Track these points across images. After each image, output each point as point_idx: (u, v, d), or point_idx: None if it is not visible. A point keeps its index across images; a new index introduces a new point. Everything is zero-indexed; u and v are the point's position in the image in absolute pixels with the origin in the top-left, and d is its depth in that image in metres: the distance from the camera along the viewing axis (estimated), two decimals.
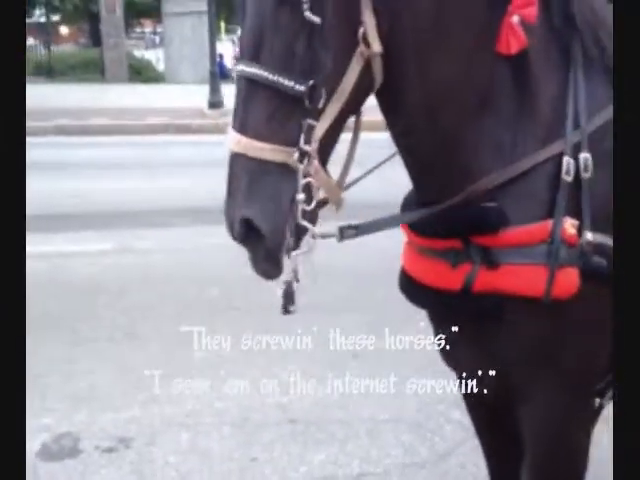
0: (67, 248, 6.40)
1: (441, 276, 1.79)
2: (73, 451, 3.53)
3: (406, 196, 1.91)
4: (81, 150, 11.34)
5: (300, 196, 1.54)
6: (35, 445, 3.51)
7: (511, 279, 1.71)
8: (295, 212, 1.55)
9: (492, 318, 1.75)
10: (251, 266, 1.64)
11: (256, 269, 1.63)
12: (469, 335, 1.82)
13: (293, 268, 1.59)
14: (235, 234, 1.59)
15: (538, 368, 1.79)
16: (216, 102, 14.75)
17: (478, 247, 1.73)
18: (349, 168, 1.74)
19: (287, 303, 1.61)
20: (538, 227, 1.69)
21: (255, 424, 3.72)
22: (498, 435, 2.13)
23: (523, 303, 1.71)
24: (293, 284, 1.60)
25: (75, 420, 3.77)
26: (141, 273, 5.85)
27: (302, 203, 1.54)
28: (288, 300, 1.61)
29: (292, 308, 1.61)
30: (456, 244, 1.75)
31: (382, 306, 4.03)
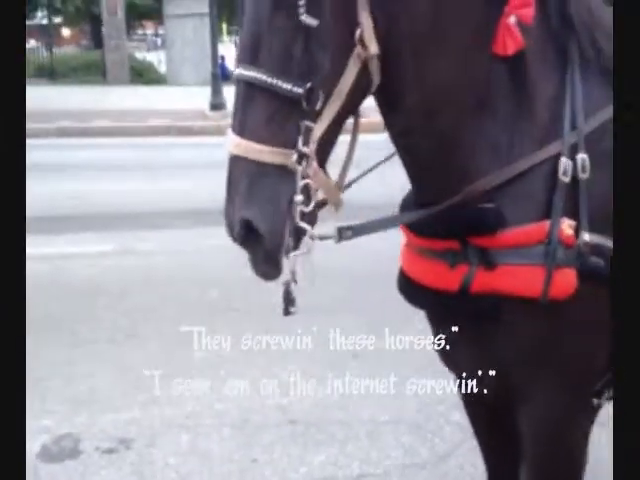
0: (68, 250, 6.40)
1: (439, 277, 1.79)
2: (73, 452, 3.53)
3: (405, 197, 1.92)
4: (83, 152, 11.33)
5: (298, 197, 1.54)
6: (36, 446, 3.52)
7: (509, 280, 1.71)
8: (294, 213, 1.55)
9: (490, 319, 1.75)
10: (251, 267, 1.64)
11: (256, 270, 1.64)
12: (468, 335, 1.82)
13: (291, 269, 1.59)
14: (235, 235, 1.59)
15: (536, 368, 1.79)
16: (218, 104, 14.72)
17: (476, 248, 1.73)
18: (348, 169, 1.74)
19: (288, 304, 1.62)
20: (535, 228, 1.69)
21: (255, 425, 3.72)
22: (496, 435, 2.13)
23: (520, 304, 1.71)
24: (291, 285, 1.61)
25: (75, 421, 3.77)
26: (142, 275, 5.85)
27: (300, 204, 1.55)
28: (288, 301, 1.62)
29: (293, 309, 1.62)
30: (454, 245, 1.75)
31: (379, 307, 4.03)
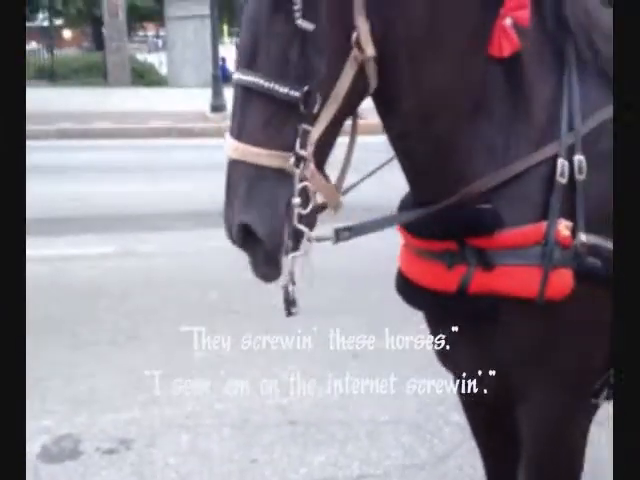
0: (69, 251, 6.41)
1: (437, 278, 1.80)
2: (74, 453, 3.54)
3: (403, 198, 1.93)
4: (83, 154, 11.34)
5: (296, 200, 1.55)
6: (36, 447, 3.52)
7: (506, 280, 1.72)
8: (292, 216, 1.56)
9: (488, 319, 1.76)
10: (251, 269, 1.66)
11: (256, 272, 1.65)
12: (467, 336, 1.83)
13: (289, 270, 1.60)
14: (234, 238, 1.61)
15: (534, 368, 1.79)
16: (219, 105, 14.71)
17: (473, 249, 1.74)
18: (347, 171, 1.75)
19: (289, 305, 1.63)
20: (532, 229, 1.70)
21: (255, 425, 3.73)
22: (495, 435, 2.14)
23: (518, 304, 1.72)
24: (289, 286, 1.62)
25: (76, 422, 3.78)
26: (143, 276, 5.85)
27: (298, 207, 1.56)
28: (289, 302, 1.63)
29: (295, 309, 1.63)
30: (452, 246, 1.76)
31: (378, 307, 4.03)
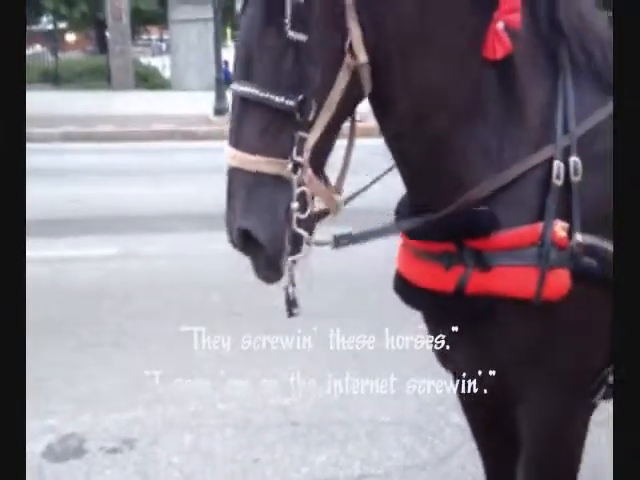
0: (70, 253, 6.42)
1: (435, 278, 1.82)
2: (78, 452, 3.56)
3: (400, 200, 1.94)
4: (87, 157, 11.34)
5: (294, 205, 1.58)
6: (40, 446, 3.55)
7: (503, 281, 1.73)
8: (291, 220, 1.59)
9: (485, 319, 1.78)
10: (253, 271, 1.69)
11: (257, 274, 1.69)
12: (465, 336, 1.84)
13: (289, 273, 1.63)
14: (235, 243, 1.64)
15: (532, 368, 1.81)
16: (222, 109, 14.66)
17: (471, 250, 1.75)
18: (346, 173, 1.77)
19: (291, 306, 1.66)
20: (529, 230, 1.72)
21: (257, 426, 3.75)
22: (494, 435, 2.15)
23: (514, 304, 1.73)
24: (290, 288, 1.65)
25: (80, 421, 3.80)
26: (146, 279, 5.86)
27: (297, 211, 1.58)
28: (291, 303, 1.66)
29: (296, 310, 1.66)
30: (450, 247, 1.78)
31: (377, 309, 4.02)
